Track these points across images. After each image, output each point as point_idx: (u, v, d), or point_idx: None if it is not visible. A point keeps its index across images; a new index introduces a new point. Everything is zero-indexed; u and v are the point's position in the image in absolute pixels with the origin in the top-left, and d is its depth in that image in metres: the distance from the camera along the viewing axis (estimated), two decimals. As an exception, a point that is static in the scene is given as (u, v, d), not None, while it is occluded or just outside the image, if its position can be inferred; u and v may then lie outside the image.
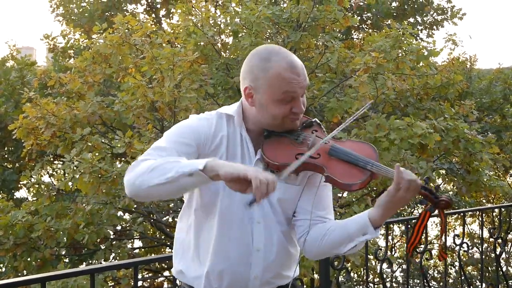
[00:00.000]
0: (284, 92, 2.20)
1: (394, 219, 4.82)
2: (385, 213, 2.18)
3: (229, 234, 2.29)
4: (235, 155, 2.30)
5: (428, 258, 4.72)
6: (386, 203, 2.16)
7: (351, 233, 2.23)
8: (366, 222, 2.21)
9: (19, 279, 2.55)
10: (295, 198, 2.34)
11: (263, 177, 1.95)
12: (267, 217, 2.30)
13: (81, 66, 9.23)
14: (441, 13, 18.95)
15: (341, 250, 2.28)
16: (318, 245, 2.30)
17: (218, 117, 2.35)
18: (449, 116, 9.20)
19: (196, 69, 8.12)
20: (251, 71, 2.26)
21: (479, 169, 8.79)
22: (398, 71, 8.96)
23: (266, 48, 2.31)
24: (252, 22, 8.56)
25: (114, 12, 16.12)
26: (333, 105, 8.46)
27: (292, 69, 2.20)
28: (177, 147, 2.21)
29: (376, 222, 2.20)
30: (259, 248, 2.29)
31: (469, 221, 16.76)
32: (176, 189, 2.09)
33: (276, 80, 2.19)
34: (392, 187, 2.13)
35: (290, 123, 2.28)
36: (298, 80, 2.21)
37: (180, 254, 2.43)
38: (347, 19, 9.31)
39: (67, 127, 8.43)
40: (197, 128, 2.28)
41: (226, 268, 2.29)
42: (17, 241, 8.04)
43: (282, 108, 2.22)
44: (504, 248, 5.80)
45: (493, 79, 15.00)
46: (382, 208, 2.18)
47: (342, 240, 2.26)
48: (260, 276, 2.30)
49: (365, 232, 2.21)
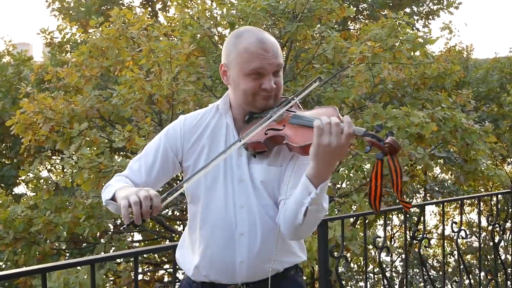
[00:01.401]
0: (252, 67, 2.21)
1: (392, 207, 4.84)
2: (318, 165, 2.01)
3: (212, 221, 2.31)
4: (218, 143, 2.35)
5: (427, 246, 4.75)
6: (314, 153, 2.00)
7: (298, 196, 2.08)
8: (305, 180, 2.05)
9: (19, 270, 2.56)
10: (278, 180, 2.28)
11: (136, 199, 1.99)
12: (250, 201, 2.28)
13: (78, 60, 9.22)
14: (437, 2, 18.93)
15: (299, 218, 2.09)
16: (283, 219, 2.19)
17: (210, 109, 2.44)
18: (447, 105, 9.22)
19: (193, 61, 8.13)
20: (225, 48, 2.32)
21: (477, 159, 8.80)
22: (395, 60, 8.97)
23: (243, 28, 2.36)
24: (248, 14, 8.56)
25: (110, 6, 16.09)
26: (330, 95, 8.47)
27: (260, 44, 2.22)
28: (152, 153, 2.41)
29: (312, 177, 2.03)
30: (243, 232, 2.27)
31: (467, 210, 16.81)
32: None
33: (244, 53, 2.22)
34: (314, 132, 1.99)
35: (261, 101, 2.27)
36: (266, 56, 2.21)
37: (180, 243, 2.52)
38: (343, 10, 9.30)
39: (65, 122, 8.42)
40: (172, 132, 2.42)
41: (212, 255, 2.31)
42: (16, 236, 8.05)
43: (252, 83, 2.23)
44: (502, 237, 5.80)
45: (489, 69, 15.04)
46: (312, 159, 2.02)
47: (295, 207, 2.10)
48: (246, 261, 2.28)
49: (310, 191, 2.04)
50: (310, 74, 9.68)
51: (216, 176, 2.32)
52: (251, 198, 2.29)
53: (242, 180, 2.30)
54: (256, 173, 2.29)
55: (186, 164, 2.39)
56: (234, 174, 2.31)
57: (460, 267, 5.78)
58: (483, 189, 15.06)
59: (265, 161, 2.28)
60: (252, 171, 2.29)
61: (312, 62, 9.67)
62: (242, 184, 2.29)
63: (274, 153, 2.29)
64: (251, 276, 2.31)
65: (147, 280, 14.10)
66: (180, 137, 2.39)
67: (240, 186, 2.30)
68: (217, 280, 2.33)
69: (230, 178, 2.31)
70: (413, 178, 10.04)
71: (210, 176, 2.31)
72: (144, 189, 2.04)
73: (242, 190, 2.29)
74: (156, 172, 2.40)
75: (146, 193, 2.00)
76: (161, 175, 2.42)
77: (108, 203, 2.25)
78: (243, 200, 2.29)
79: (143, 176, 2.40)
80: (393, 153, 1.97)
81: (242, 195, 2.29)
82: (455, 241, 5.03)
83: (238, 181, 2.30)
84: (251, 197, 2.29)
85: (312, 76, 9.47)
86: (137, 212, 1.98)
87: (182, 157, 2.40)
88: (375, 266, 14.74)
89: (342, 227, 4.22)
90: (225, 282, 2.32)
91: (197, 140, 2.38)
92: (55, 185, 8.63)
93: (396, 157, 1.98)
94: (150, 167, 2.40)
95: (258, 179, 2.28)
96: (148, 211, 1.99)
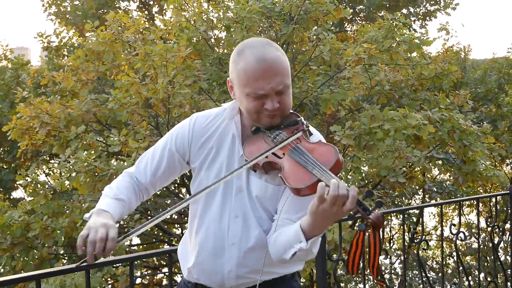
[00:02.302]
0: (249, 89, 2.14)
1: (392, 209, 4.80)
2: (313, 223, 1.98)
3: (207, 228, 2.31)
4: (222, 150, 2.32)
5: (426, 248, 4.72)
6: (312, 213, 1.96)
7: (290, 238, 2.07)
8: (298, 230, 2.04)
9: (13, 277, 2.52)
10: (274, 198, 2.25)
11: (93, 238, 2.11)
12: (246, 212, 2.26)
13: (75, 64, 9.20)
14: (434, 3, 18.94)
15: (286, 256, 2.09)
16: (272, 247, 2.19)
17: (223, 110, 2.37)
18: (444, 106, 9.21)
19: (189, 64, 8.10)
20: (230, 63, 2.26)
21: (475, 159, 8.78)
22: (392, 62, 8.96)
23: (247, 41, 2.26)
24: (243, 17, 8.54)
25: (107, 10, 16.08)
26: (327, 96, 8.46)
27: (258, 64, 2.11)
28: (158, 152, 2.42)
29: (306, 230, 2.01)
30: (234, 242, 2.27)
31: (466, 212, 16.79)
32: None
33: (242, 75, 2.14)
34: (315, 197, 1.93)
35: (266, 119, 2.21)
36: (265, 77, 2.10)
37: (183, 239, 2.54)
38: (339, 11, 9.29)
39: (61, 126, 8.39)
40: (181, 132, 2.39)
41: (202, 261, 2.32)
42: (14, 241, 8.02)
43: (253, 103, 2.16)
44: (502, 238, 5.78)
45: (487, 69, 15.04)
46: (310, 217, 1.98)
47: (285, 245, 2.09)
48: (234, 270, 2.28)
49: (300, 240, 2.02)
50: (307, 76, 9.66)
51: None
52: (247, 209, 2.27)
53: (240, 191, 2.28)
54: (253, 186, 2.27)
55: (193, 166, 2.38)
56: (233, 183, 2.29)
57: (459, 269, 5.76)
58: (482, 190, 15.04)
59: (264, 177, 2.25)
60: (250, 183, 2.27)
61: (309, 64, 9.66)
62: (240, 194, 2.28)
63: (274, 172, 2.24)
64: (240, 284, 2.32)
65: (145, 284, 14.06)
66: (188, 138, 2.37)
67: (237, 196, 2.29)
68: (207, 284, 2.35)
69: (230, 187, 2.29)
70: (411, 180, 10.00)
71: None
72: (105, 227, 2.14)
73: (239, 200, 2.28)
74: (161, 172, 2.42)
75: (103, 235, 2.10)
76: (167, 175, 2.44)
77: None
78: (239, 210, 2.28)
79: (148, 176, 2.43)
80: (375, 228, 1.94)
81: (238, 205, 2.28)
82: (454, 243, 5.00)
83: (237, 190, 2.28)
84: (246, 208, 2.27)
85: (309, 78, 9.46)
86: (90, 251, 2.11)
87: (189, 157, 2.38)
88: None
89: (339, 230, 4.20)
90: (215, 287, 2.34)
91: (206, 142, 2.35)
92: (52, 189, 8.60)
93: (378, 232, 1.95)
94: (156, 167, 2.42)
95: (254, 193, 2.26)
96: (101, 252, 2.10)
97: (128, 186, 2.40)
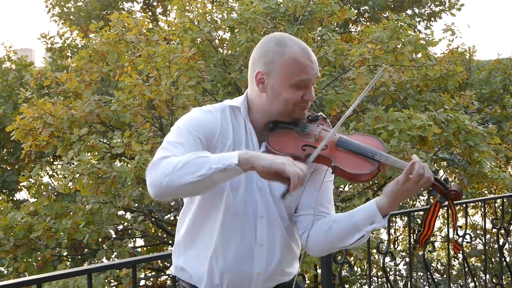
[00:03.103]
0: (299, 77, 2.19)
1: (397, 211, 4.76)
2: (392, 202, 2.15)
3: (233, 230, 2.23)
4: (240, 147, 2.25)
5: (431, 250, 4.68)
6: (394, 192, 2.13)
7: (358, 222, 2.19)
8: (374, 210, 2.17)
9: (14, 281, 2.51)
10: (297, 194, 2.30)
11: (299, 170, 1.95)
12: (270, 212, 2.25)
13: (78, 64, 9.19)
14: (439, 4, 18.89)
15: (346, 243, 2.24)
16: (323, 239, 2.25)
17: (222, 109, 2.28)
18: (449, 107, 9.17)
19: (193, 65, 8.07)
20: (266, 55, 2.23)
21: (480, 161, 8.74)
22: (397, 62, 8.93)
23: (280, 34, 2.30)
24: (247, 18, 8.51)
25: (110, 10, 16.08)
26: (332, 98, 8.43)
27: (306, 54, 2.21)
28: (191, 141, 2.14)
29: (384, 210, 2.17)
30: (263, 243, 2.24)
31: (471, 213, 16.73)
32: (208, 185, 2.01)
33: (292, 64, 2.19)
34: (401, 177, 2.09)
35: (299, 111, 2.25)
36: (312, 67, 2.21)
37: (182, 251, 2.36)
38: (344, 12, 9.27)
39: (65, 127, 8.37)
40: (204, 121, 2.22)
41: (228, 264, 2.23)
42: (17, 243, 8.00)
43: (295, 93, 2.20)
44: (507, 239, 5.75)
45: (492, 70, 14.97)
46: (390, 196, 2.15)
47: (348, 231, 2.22)
48: (263, 272, 2.25)
49: (373, 221, 2.18)
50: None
51: (238, 183, 2.23)
52: (271, 209, 2.26)
53: (262, 190, 2.25)
54: (275, 184, 2.20)
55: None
56: (254, 182, 2.25)
57: (464, 270, 5.73)
58: (487, 191, 14.99)
59: None
60: (271, 182, 2.21)
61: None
62: (262, 194, 2.25)
63: None
64: (265, 287, 2.30)
65: (149, 286, 14.06)
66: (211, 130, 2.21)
67: (260, 196, 2.25)
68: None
69: (250, 187, 2.25)
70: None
71: (232, 183, 2.21)
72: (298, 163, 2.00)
73: (262, 199, 2.25)
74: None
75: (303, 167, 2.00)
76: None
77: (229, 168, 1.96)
78: (263, 210, 2.25)
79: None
80: (455, 199, 2.17)
81: (262, 205, 2.25)
82: (460, 244, 4.97)
83: (259, 190, 2.25)
84: (270, 208, 2.26)
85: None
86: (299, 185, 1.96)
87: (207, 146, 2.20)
88: (379, 270, 14.66)
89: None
90: None
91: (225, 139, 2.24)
92: (55, 191, 8.58)
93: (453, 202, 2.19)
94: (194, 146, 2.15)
95: (277, 191, 2.23)
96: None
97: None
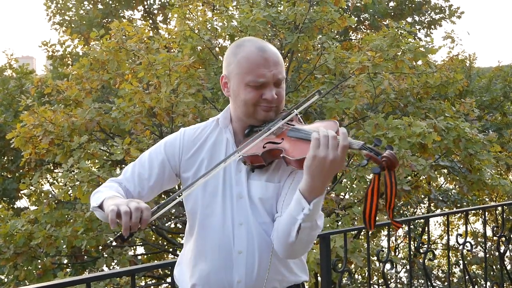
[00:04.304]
0: (252, 76, 2.17)
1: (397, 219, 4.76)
2: (311, 180, 1.93)
3: (210, 239, 2.24)
4: (218, 158, 2.29)
5: (432, 258, 4.68)
6: (308, 167, 1.93)
7: (292, 212, 2.00)
8: (298, 194, 1.97)
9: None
10: (275, 197, 2.21)
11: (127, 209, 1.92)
12: (248, 219, 2.21)
13: (79, 72, 9.20)
14: (439, 12, 18.92)
15: (292, 236, 2.01)
16: (277, 238, 2.12)
17: (210, 122, 2.40)
18: (450, 115, 9.17)
19: (193, 73, 8.08)
20: (226, 58, 2.29)
21: (481, 168, 8.73)
22: (397, 70, 8.93)
23: (244, 38, 2.33)
24: (247, 26, 8.52)
25: (111, 19, 16.10)
26: (332, 105, 8.44)
27: (260, 52, 2.18)
28: (149, 162, 2.36)
29: (306, 191, 1.95)
30: (241, 250, 2.20)
31: (472, 220, 16.71)
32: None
33: (244, 63, 2.19)
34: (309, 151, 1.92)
35: (262, 112, 2.22)
36: (266, 65, 2.17)
37: (179, 260, 2.45)
38: (344, 20, 9.27)
39: (65, 135, 8.37)
40: (171, 140, 2.38)
41: (209, 273, 2.23)
42: (17, 250, 8.00)
43: (252, 93, 2.18)
44: (508, 247, 5.73)
45: (492, 77, 14.99)
46: (306, 173, 1.94)
47: (288, 223, 2.02)
48: (243, 280, 2.20)
49: (303, 207, 1.95)
50: (312, 85, 9.63)
51: (214, 192, 2.26)
52: (250, 216, 2.22)
53: (241, 197, 2.23)
54: (254, 190, 2.22)
55: (185, 175, 2.33)
56: (233, 190, 2.24)
57: (465, 278, 5.72)
58: (488, 199, 14.96)
59: (264, 177, 2.22)
60: (250, 188, 2.23)
61: (313, 73, 9.63)
62: (241, 201, 2.23)
63: (273, 169, 2.22)
64: None
65: (150, 294, 14.01)
66: (179, 149, 2.34)
67: (238, 203, 2.23)
68: None
69: (229, 195, 2.24)
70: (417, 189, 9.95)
71: (209, 192, 2.25)
72: (135, 201, 1.97)
73: (240, 207, 2.23)
74: (152, 182, 2.35)
75: (137, 205, 1.94)
76: (155, 186, 2.37)
77: (95, 209, 2.21)
78: (242, 217, 2.22)
79: (137, 186, 2.35)
80: (390, 168, 1.89)
81: (241, 212, 2.23)
82: (460, 252, 4.96)
83: (237, 197, 2.24)
84: (249, 215, 2.22)
85: (314, 87, 9.42)
86: (126, 222, 1.91)
87: (179, 168, 2.35)
88: (379, 277, 14.63)
89: (345, 241, 4.18)
90: None
91: (196, 153, 2.33)
92: (56, 199, 8.57)
93: (393, 172, 1.90)
94: (146, 177, 2.35)
95: (256, 196, 2.21)
96: (137, 223, 1.92)
97: (118, 189, 2.30)
